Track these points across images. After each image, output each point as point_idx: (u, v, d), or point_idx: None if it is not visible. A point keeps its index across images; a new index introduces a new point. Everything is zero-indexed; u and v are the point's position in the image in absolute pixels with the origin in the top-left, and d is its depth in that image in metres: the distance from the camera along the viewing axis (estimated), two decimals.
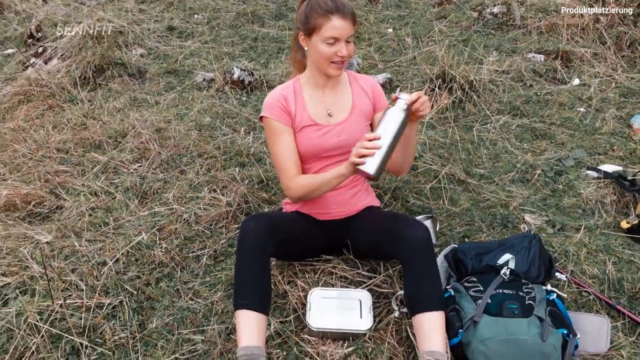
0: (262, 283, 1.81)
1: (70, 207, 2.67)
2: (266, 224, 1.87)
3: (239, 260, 1.83)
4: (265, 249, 1.83)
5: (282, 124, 2.03)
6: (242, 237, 1.83)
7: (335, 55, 1.92)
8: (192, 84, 4.10)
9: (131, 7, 5.43)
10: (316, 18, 1.90)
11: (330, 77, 2.03)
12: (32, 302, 2.02)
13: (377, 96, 2.14)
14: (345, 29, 1.89)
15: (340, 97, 2.11)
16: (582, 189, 2.74)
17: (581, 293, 2.12)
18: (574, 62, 4.14)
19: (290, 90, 2.08)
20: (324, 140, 2.04)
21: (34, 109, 3.91)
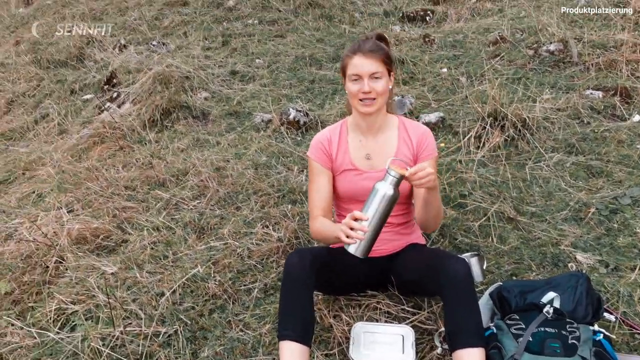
0: (304, 314, 1.89)
1: (134, 240, 2.87)
2: (309, 257, 1.95)
3: (283, 292, 1.91)
4: (308, 282, 1.91)
5: (320, 165, 2.16)
6: (287, 270, 1.92)
7: (359, 92, 2.01)
8: (251, 124, 4.30)
9: (197, 53, 5.79)
10: (345, 59, 2.06)
11: (367, 118, 2.10)
12: (96, 328, 2.18)
13: (421, 146, 2.14)
14: (365, 66, 1.99)
15: (384, 143, 2.16)
16: (638, 228, 2.66)
17: (633, 335, 2.05)
18: (634, 98, 4.04)
19: (336, 132, 2.19)
20: (363, 185, 2.10)
21: (106, 150, 4.22)
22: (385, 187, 1.79)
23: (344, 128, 2.20)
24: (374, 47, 2.01)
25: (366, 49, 2.00)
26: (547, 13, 5.51)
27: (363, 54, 2.00)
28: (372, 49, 2.00)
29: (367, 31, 6.32)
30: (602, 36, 4.82)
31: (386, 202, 1.80)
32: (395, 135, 2.17)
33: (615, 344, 1.97)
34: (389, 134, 2.17)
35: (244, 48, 6.02)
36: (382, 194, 1.79)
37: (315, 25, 6.59)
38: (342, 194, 2.16)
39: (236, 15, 7.10)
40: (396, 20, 6.56)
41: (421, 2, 6.98)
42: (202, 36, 6.44)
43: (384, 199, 1.80)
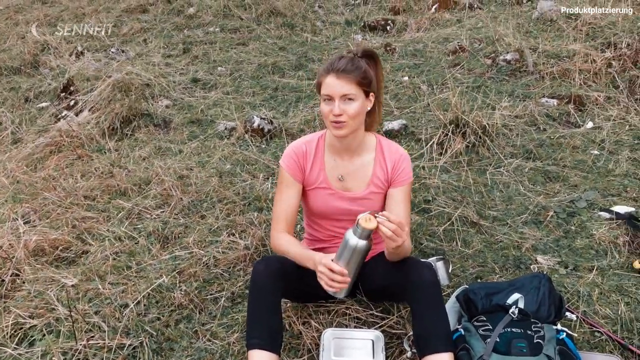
0: (272, 322, 1.87)
1: (95, 251, 2.79)
2: (276, 265, 1.94)
3: (250, 300, 1.89)
4: (275, 290, 1.89)
5: (291, 178, 2.09)
6: (253, 278, 1.90)
7: (330, 114, 1.91)
8: (214, 132, 4.26)
9: (158, 61, 5.71)
10: (319, 77, 1.96)
11: (337, 138, 2.00)
12: (57, 342, 2.11)
13: (396, 172, 2.08)
14: (336, 87, 1.88)
15: (360, 166, 2.09)
16: (594, 230, 2.76)
17: (593, 333, 2.12)
18: (587, 105, 4.20)
19: (312, 145, 2.10)
20: (335, 205, 2.09)
21: (64, 159, 4.10)
22: (356, 240, 1.80)
23: (322, 143, 2.12)
24: (349, 67, 1.89)
25: (339, 69, 1.88)
26: (503, 24, 5.68)
27: (336, 74, 1.88)
28: (346, 68, 1.88)
29: (329, 40, 6.38)
30: (555, 46, 5.00)
31: (358, 254, 1.82)
32: (371, 158, 2.09)
33: (577, 342, 2.03)
34: (366, 157, 2.10)
35: (206, 56, 5.98)
36: (354, 246, 1.80)
37: (277, 33, 6.60)
38: (314, 209, 2.15)
39: (197, 23, 7.05)
40: (358, 30, 6.64)
41: (382, 12, 7.09)
42: (162, 43, 6.37)
43: (356, 251, 1.81)
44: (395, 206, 2.08)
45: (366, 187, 2.10)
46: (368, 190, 2.09)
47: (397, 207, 2.08)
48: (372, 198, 2.10)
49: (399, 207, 2.08)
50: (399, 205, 2.08)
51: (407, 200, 2.10)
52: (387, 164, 2.09)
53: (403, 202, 2.09)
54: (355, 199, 2.09)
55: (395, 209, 2.07)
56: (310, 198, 2.14)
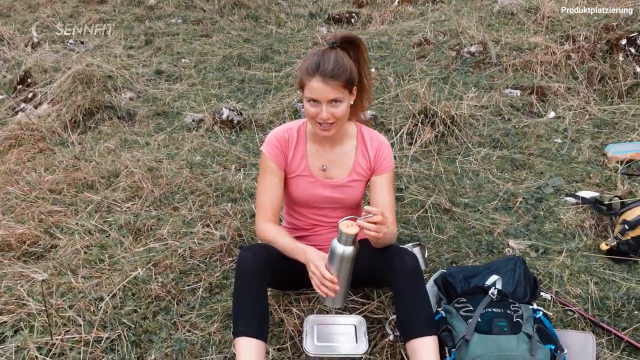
0: (260, 310, 1.86)
1: (65, 245, 2.71)
2: (262, 253, 1.93)
3: (237, 288, 1.88)
4: (262, 277, 1.89)
5: (274, 165, 2.08)
6: (240, 267, 1.89)
7: (317, 116, 1.90)
8: (181, 124, 4.19)
9: (120, 52, 5.57)
10: (302, 77, 1.90)
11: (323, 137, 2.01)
12: (31, 338, 2.04)
13: (378, 160, 2.10)
14: (323, 92, 1.84)
15: (343, 155, 2.10)
16: (562, 215, 2.85)
17: (566, 312, 2.20)
18: (548, 96, 4.33)
19: (294, 134, 2.09)
20: (318, 192, 2.09)
21: (24, 152, 3.96)
22: (342, 248, 1.81)
23: (302, 131, 2.11)
24: (335, 71, 1.83)
25: (326, 73, 1.82)
26: (466, 17, 5.78)
27: (322, 79, 1.82)
28: (332, 73, 1.82)
29: (294, 32, 6.36)
30: (517, 39, 5.13)
31: (347, 261, 1.83)
32: (353, 146, 2.11)
33: (551, 320, 2.09)
34: (347, 146, 2.11)
35: (169, 47, 5.87)
36: (341, 254, 1.81)
37: (241, 25, 6.54)
38: (295, 197, 2.14)
39: (158, 14, 6.92)
40: (322, 22, 6.64)
41: (346, 5, 7.12)
42: (123, 35, 6.21)
43: (344, 259, 1.82)
44: (380, 193, 2.11)
45: (348, 174, 2.11)
46: (350, 178, 2.11)
47: (381, 194, 2.11)
48: (354, 186, 2.12)
49: (383, 193, 2.11)
50: (383, 192, 2.11)
51: (390, 187, 2.13)
52: (369, 152, 2.11)
53: (387, 188, 2.12)
54: (337, 187, 2.10)
55: (379, 196, 2.10)
56: (292, 186, 2.14)
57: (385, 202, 2.07)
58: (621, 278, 2.39)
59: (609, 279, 2.38)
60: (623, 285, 2.33)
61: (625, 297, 2.24)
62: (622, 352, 2.01)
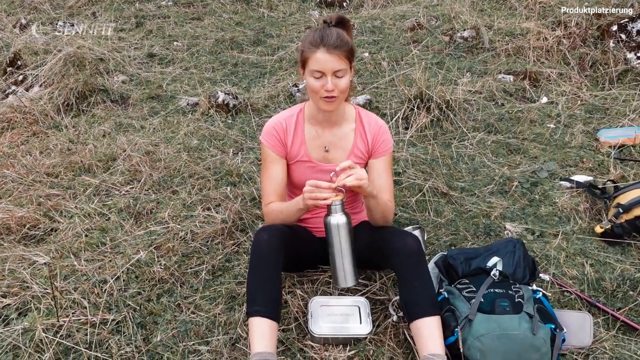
0: (274, 291, 1.89)
1: (66, 229, 2.71)
2: (278, 234, 1.96)
3: (253, 269, 1.90)
4: (278, 258, 1.91)
5: (273, 153, 2.12)
6: (256, 247, 1.91)
7: (322, 89, 1.93)
8: (176, 108, 4.18)
9: (110, 35, 5.51)
10: (305, 51, 1.93)
11: (325, 112, 2.04)
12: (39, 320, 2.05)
13: (376, 143, 2.14)
14: (328, 63, 1.88)
15: (342, 136, 2.14)
16: (557, 199, 2.91)
17: (563, 293, 2.26)
18: (541, 82, 4.38)
19: (292, 120, 2.13)
20: (316, 177, 2.08)
21: (17, 136, 3.92)
22: (336, 219, 1.86)
23: (301, 117, 2.14)
24: (339, 42, 1.89)
25: (331, 44, 1.87)
26: (459, 1, 5.79)
27: (327, 49, 1.87)
28: (336, 44, 1.88)
29: (286, 15, 6.33)
30: (509, 24, 5.16)
31: (344, 229, 1.87)
32: (352, 128, 2.15)
33: (549, 300, 2.15)
34: (346, 127, 2.15)
35: (160, 30, 5.81)
36: (336, 225, 1.86)
37: (232, 8, 6.49)
38: (296, 182, 2.17)
39: None
40: (314, 6, 6.60)
41: None
42: (113, 17, 6.13)
43: (340, 228, 1.87)
44: (378, 177, 2.15)
45: (347, 156, 2.14)
46: (349, 159, 2.12)
47: (379, 178, 2.15)
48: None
49: (382, 177, 2.15)
50: (381, 176, 2.15)
51: (389, 170, 2.18)
52: (367, 135, 2.15)
53: (385, 171, 2.16)
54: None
55: (377, 179, 2.14)
56: (292, 171, 2.17)
57: (383, 184, 2.12)
58: (615, 260, 2.46)
59: (603, 261, 2.45)
60: (617, 267, 2.40)
61: (620, 278, 2.30)
62: (618, 331, 2.08)
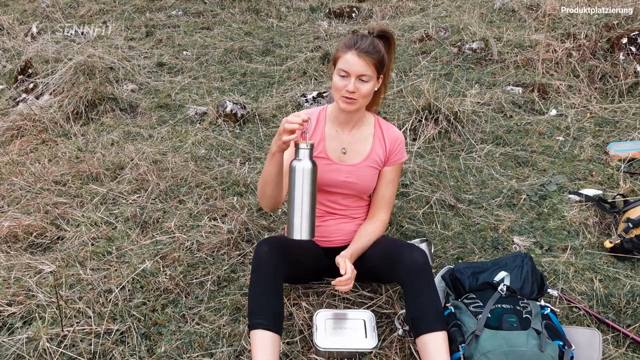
0: (276, 303, 1.88)
1: (72, 237, 2.71)
2: (279, 246, 1.95)
3: (254, 281, 1.89)
4: (279, 271, 1.91)
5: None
6: (257, 259, 1.91)
7: (344, 89, 1.97)
8: (184, 117, 4.19)
9: (121, 44, 5.55)
10: (338, 51, 2.01)
11: (345, 113, 2.08)
12: (44, 329, 2.05)
13: (393, 151, 2.18)
14: (355, 65, 1.94)
15: (360, 140, 2.17)
16: (565, 212, 2.88)
17: (572, 309, 2.23)
18: (550, 94, 4.36)
19: (314, 117, 2.17)
20: (331, 175, 2.13)
21: (27, 143, 3.95)
22: (302, 164, 1.81)
23: (323, 115, 2.18)
24: (370, 49, 1.95)
25: (362, 48, 1.94)
26: (467, 13, 5.79)
27: (357, 52, 1.94)
28: (367, 49, 1.94)
29: (295, 26, 6.35)
30: (518, 36, 5.15)
31: (308, 176, 1.81)
32: (371, 133, 2.18)
33: (557, 316, 2.12)
34: (365, 131, 2.18)
35: (170, 39, 5.85)
36: (301, 170, 1.81)
37: (242, 18, 6.53)
38: None
39: (158, 6, 6.89)
40: (323, 16, 6.63)
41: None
42: (123, 26, 6.19)
43: (305, 174, 1.81)
44: (385, 187, 2.21)
45: (363, 159, 2.16)
46: (365, 163, 2.15)
47: (385, 188, 2.21)
48: (367, 172, 2.16)
49: (387, 187, 2.21)
50: (387, 185, 2.21)
51: (395, 180, 2.23)
52: (386, 142, 2.18)
53: (392, 182, 2.22)
54: (351, 171, 2.13)
55: (383, 189, 2.21)
56: None
57: (385, 195, 2.21)
58: (625, 276, 2.42)
59: (613, 277, 2.41)
60: (627, 283, 2.36)
61: (630, 294, 2.27)
62: (627, 349, 2.04)
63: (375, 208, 2.22)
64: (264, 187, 2.03)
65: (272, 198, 2.05)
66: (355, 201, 2.24)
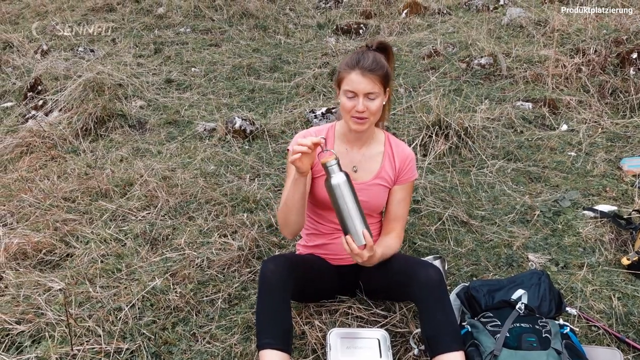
0: (284, 322, 1.85)
1: (81, 254, 2.69)
2: (285, 264, 1.92)
3: (261, 299, 1.86)
4: (286, 288, 1.87)
5: None
6: (263, 278, 1.87)
7: (353, 110, 1.95)
8: (192, 133, 4.19)
9: (130, 61, 5.58)
10: (341, 72, 1.98)
11: (354, 132, 2.05)
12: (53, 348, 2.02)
13: (403, 169, 2.15)
14: (361, 84, 1.92)
15: (370, 158, 2.14)
16: (580, 229, 2.84)
17: (591, 327, 2.18)
18: (560, 109, 4.33)
19: (322, 134, 2.13)
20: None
21: (36, 160, 3.94)
22: (336, 178, 1.83)
23: (332, 133, 2.15)
24: (374, 66, 1.92)
25: (366, 67, 1.91)
26: (475, 29, 5.80)
27: (362, 71, 1.91)
28: (371, 67, 1.91)
29: (303, 42, 6.38)
30: (527, 52, 5.14)
31: (345, 187, 1.83)
32: (381, 151, 2.15)
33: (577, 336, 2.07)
34: (375, 148, 2.15)
35: (178, 56, 5.88)
36: (337, 185, 1.83)
37: (250, 35, 6.56)
38: (318, 198, 2.13)
39: (167, 23, 6.94)
40: (330, 33, 6.65)
41: (354, 16, 7.14)
42: (132, 43, 6.23)
43: (342, 187, 1.83)
44: (396, 204, 2.17)
45: (373, 178, 2.14)
46: (374, 181, 2.13)
47: (397, 205, 2.18)
48: (376, 190, 2.13)
49: (399, 205, 2.18)
50: (399, 204, 2.18)
51: (407, 199, 2.20)
52: (395, 161, 2.14)
53: (404, 200, 2.18)
54: (361, 189, 2.10)
55: (394, 207, 2.18)
56: (316, 186, 2.13)
57: (398, 212, 2.17)
58: None
59: (632, 294, 2.36)
60: None
61: None
62: None
63: (389, 226, 2.19)
64: (287, 215, 2.01)
65: (296, 224, 2.04)
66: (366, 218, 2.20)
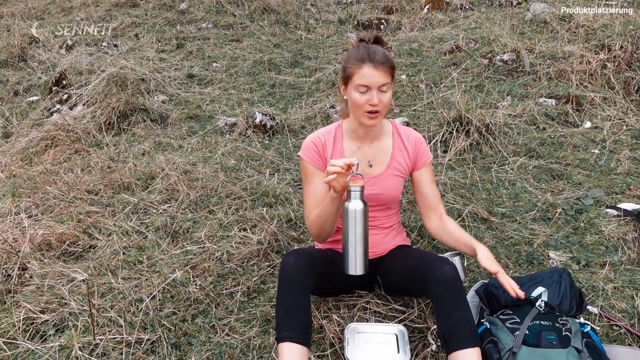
0: (304, 315, 1.86)
1: (104, 246, 2.74)
2: (306, 258, 1.94)
3: (281, 293, 1.88)
4: (306, 282, 1.89)
5: (314, 168, 2.12)
6: (284, 271, 1.89)
7: (366, 104, 1.95)
8: (214, 128, 4.22)
9: (152, 56, 5.64)
10: (350, 67, 1.97)
11: (367, 127, 2.06)
12: (76, 337, 2.06)
13: (418, 154, 2.18)
14: (375, 77, 1.92)
15: (381, 150, 2.15)
16: (603, 227, 2.80)
17: (612, 327, 2.15)
18: (584, 106, 4.26)
19: (330, 136, 2.14)
20: None
21: (61, 153, 4.02)
22: (354, 204, 1.86)
23: (339, 133, 2.15)
24: (384, 58, 1.94)
25: (377, 60, 1.92)
26: (498, 24, 5.73)
27: (374, 64, 1.92)
28: (382, 60, 1.93)
29: (323, 38, 6.37)
30: (550, 47, 5.06)
31: (360, 216, 1.87)
32: (390, 142, 2.17)
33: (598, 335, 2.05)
34: (385, 140, 2.17)
35: (200, 51, 5.92)
36: (354, 211, 1.86)
37: (271, 30, 6.58)
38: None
39: (189, 19, 6.98)
40: (351, 28, 6.64)
41: (375, 11, 7.11)
42: (155, 38, 6.29)
43: (357, 215, 1.86)
44: (427, 186, 2.21)
45: (385, 169, 2.15)
46: (387, 172, 2.14)
47: (428, 187, 2.22)
48: (391, 181, 2.14)
49: (430, 186, 2.22)
50: (429, 185, 2.22)
51: (433, 179, 2.24)
52: (407, 147, 2.17)
53: (432, 181, 2.23)
54: (374, 182, 2.11)
55: (427, 189, 2.21)
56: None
57: (434, 194, 2.21)
58: None
59: None
60: None
61: None
62: None
63: (429, 210, 2.21)
64: (322, 226, 2.04)
65: (328, 233, 2.08)
66: (382, 211, 2.22)
